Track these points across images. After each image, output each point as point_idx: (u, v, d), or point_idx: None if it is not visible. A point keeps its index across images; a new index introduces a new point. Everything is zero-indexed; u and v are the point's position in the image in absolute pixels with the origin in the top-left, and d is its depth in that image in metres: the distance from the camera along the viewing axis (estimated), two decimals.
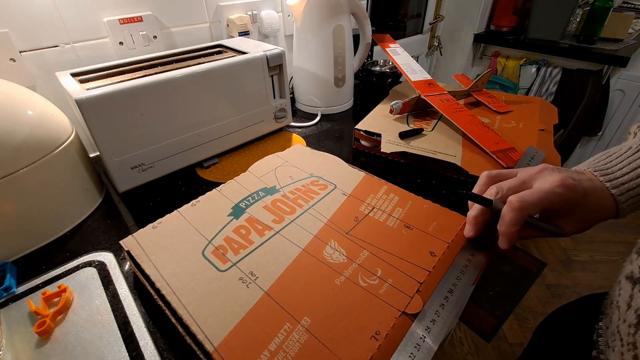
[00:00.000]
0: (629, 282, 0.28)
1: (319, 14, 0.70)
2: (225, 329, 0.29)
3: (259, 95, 0.63)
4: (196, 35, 0.72)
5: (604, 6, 1.25)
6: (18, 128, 0.41)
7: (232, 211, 0.43)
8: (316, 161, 0.54)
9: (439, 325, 0.31)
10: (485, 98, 0.73)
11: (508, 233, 0.32)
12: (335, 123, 0.77)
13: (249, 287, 0.33)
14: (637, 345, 0.25)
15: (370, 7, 1.08)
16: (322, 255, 0.37)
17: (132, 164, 0.51)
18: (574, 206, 0.31)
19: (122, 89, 0.46)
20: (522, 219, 0.31)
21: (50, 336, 0.32)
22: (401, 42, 0.88)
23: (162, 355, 0.31)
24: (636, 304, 0.27)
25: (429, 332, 0.30)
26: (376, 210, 0.43)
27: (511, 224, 0.31)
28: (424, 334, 0.30)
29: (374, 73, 0.94)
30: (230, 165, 0.61)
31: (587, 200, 0.31)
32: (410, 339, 0.29)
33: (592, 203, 0.31)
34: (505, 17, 1.53)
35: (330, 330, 0.29)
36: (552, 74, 1.41)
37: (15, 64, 0.53)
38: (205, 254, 0.37)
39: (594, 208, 0.32)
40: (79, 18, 0.57)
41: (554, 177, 0.31)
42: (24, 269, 0.42)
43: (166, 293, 0.32)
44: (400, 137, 0.59)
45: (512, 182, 0.34)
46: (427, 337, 0.29)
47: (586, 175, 0.33)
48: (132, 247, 0.38)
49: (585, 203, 0.31)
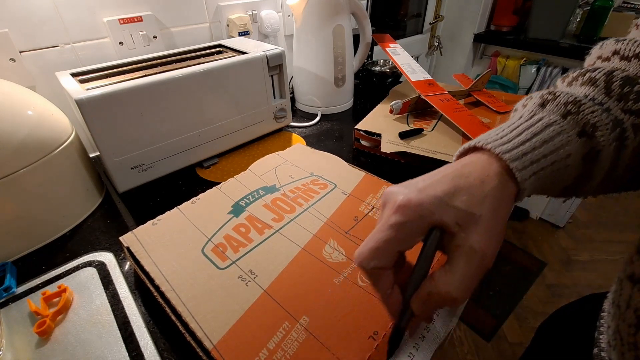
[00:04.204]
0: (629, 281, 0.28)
1: (319, 14, 0.70)
2: (225, 326, 0.29)
3: (259, 95, 0.63)
4: (196, 36, 0.72)
5: (604, 6, 1.24)
6: (18, 128, 0.41)
7: (232, 209, 0.43)
8: (316, 160, 0.54)
9: (438, 325, 0.31)
10: (485, 98, 0.73)
11: (378, 298, 0.26)
12: (335, 123, 0.77)
13: (248, 285, 0.33)
14: (638, 345, 0.25)
15: (370, 7, 1.08)
16: (321, 254, 0.37)
17: (132, 164, 0.51)
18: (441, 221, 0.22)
19: (122, 89, 0.46)
20: (375, 276, 0.24)
21: (50, 336, 0.32)
22: (401, 42, 0.88)
23: (162, 355, 0.31)
24: (635, 304, 0.26)
25: (428, 332, 0.30)
26: (376, 210, 0.43)
27: (372, 285, 0.25)
28: (422, 334, 0.30)
29: (374, 73, 0.94)
30: (230, 165, 0.61)
31: (456, 199, 0.22)
32: (409, 339, 0.29)
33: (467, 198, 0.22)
34: (505, 17, 1.53)
35: (328, 329, 0.29)
36: (552, 74, 1.41)
37: (15, 64, 0.53)
38: (205, 252, 0.37)
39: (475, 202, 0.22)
40: (79, 18, 0.57)
41: (390, 207, 0.23)
42: (24, 269, 0.42)
43: (165, 290, 0.32)
44: (400, 137, 0.59)
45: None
46: (426, 336, 0.29)
47: (457, 163, 0.25)
48: (132, 243, 0.38)
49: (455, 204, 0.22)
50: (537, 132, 0.24)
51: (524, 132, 0.24)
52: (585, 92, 0.25)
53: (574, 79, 0.27)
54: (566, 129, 0.23)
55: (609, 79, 0.25)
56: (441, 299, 0.23)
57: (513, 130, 0.24)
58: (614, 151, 0.24)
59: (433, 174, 0.24)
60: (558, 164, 0.23)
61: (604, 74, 0.25)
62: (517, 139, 0.24)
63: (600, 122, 0.23)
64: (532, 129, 0.24)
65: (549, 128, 0.24)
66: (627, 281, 0.29)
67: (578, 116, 0.24)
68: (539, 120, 0.24)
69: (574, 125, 0.24)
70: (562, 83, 0.29)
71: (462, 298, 0.22)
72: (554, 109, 0.25)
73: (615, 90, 0.24)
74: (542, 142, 0.23)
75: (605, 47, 0.29)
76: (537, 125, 0.24)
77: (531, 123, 0.24)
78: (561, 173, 0.24)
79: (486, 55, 1.65)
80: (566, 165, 0.23)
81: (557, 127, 0.24)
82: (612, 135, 0.23)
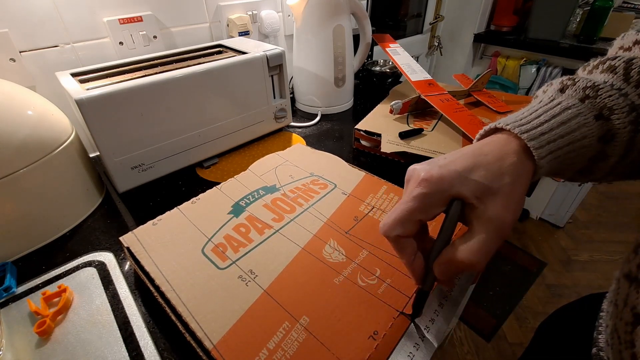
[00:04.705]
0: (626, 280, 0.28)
1: (319, 14, 0.70)
2: (225, 326, 0.29)
3: (259, 95, 0.63)
4: (196, 35, 0.72)
5: (604, 6, 1.24)
6: (18, 128, 0.41)
7: (232, 209, 0.43)
8: (316, 160, 0.54)
9: (437, 325, 0.31)
10: (486, 98, 0.73)
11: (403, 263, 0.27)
12: (335, 123, 0.77)
13: (248, 285, 0.33)
14: (635, 343, 0.25)
15: (370, 7, 1.08)
16: (321, 254, 0.37)
17: (132, 164, 0.51)
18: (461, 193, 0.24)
19: (122, 89, 0.46)
20: (399, 245, 0.26)
21: (50, 336, 0.32)
22: (401, 42, 0.88)
23: (162, 355, 0.31)
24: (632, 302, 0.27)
25: (427, 332, 0.30)
26: (376, 210, 0.43)
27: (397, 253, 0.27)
28: (423, 334, 0.30)
29: (374, 73, 0.94)
30: (230, 165, 0.61)
31: (475, 173, 0.24)
32: (409, 339, 0.29)
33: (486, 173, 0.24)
34: (505, 17, 1.53)
35: (328, 329, 0.29)
36: (552, 74, 1.41)
37: (15, 64, 0.53)
38: (205, 252, 0.37)
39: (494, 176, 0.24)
40: (79, 18, 0.57)
41: (414, 179, 0.25)
42: (24, 269, 0.42)
43: (166, 290, 0.32)
44: (400, 137, 0.59)
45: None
46: (426, 336, 0.29)
47: (478, 143, 0.26)
48: (132, 243, 0.38)
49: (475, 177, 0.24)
50: (555, 114, 0.25)
51: (543, 115, 0.25)
52: (604, 78, 0.27)
53: (594, 67, 0.29)
54: (583, 112, 0.25)
55: (628, 66, 0.26)
56: (461, 264, 0.24)
57: (532, 113, 0.26)
58: (629, 134, 0.25)
59: (454, 153, 0.26)
60: (574, 145, 0.25)
61: (624, 62, 0.26)
62: (535, 121, 0.25)
63: (617, 105, 0.24)
64: (550, 112, 0.25)
65: (567, 111, 0.25)
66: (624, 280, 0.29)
67: (596, 100, 0.25)
68: (557, 104, 0.26)
69: (591, 109, 0.25)
70: (582, 71, 0.30)
71: (480, 263, 0.24)
72: (573, 94, 0.26)
73: (633, 77, 0.25)
74: (559, 123, 0.25)
75: (627, 37, 0.30)
76: (555, 109, 0.26)
77: (550, 106, 0.26)
78: (577, 154, 0.25)
79: (486, 55, 1.65)
80: (582, 147, 0.25)
81: (574, 110, 0.25)
82: (627, 118, 0.24)
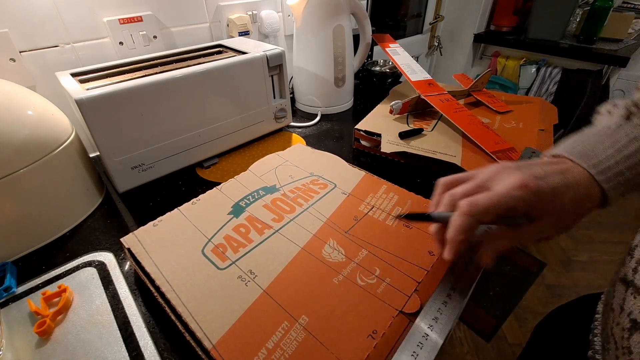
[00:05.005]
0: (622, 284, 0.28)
1: (319, 14, 0.70)
2: (224, 326, 0.29)
3: (259, 95, 0.63)
4: (196, 35, 0.72)
5: (604, 6, 1.25)
6: (18, 128, 0.41)
7: (232, 210, 0.43)
8: (316, 160, 0.54)
9: (441, 324, 0.30)
10: (485, 98, 0.73)
11: (453, 241, 0.27)
12: (335, 123, 0.77)
13: (247, 285, 0.33)
14: (632, 349, 0.25)
15: (370, 7, 1.08)
16: (321, 254, 0.37)
17: (132, 164, 0.51)
18: (542, 209, 0.26)
19: (122, 89, 0.46)
20: (471, 226, 0.27)
21: (50, 336, 0.32)
22: (401, 42, 0.88)
23: (162, 356, 0.31)
24: (629, 307, 0.26)
25: (432, 330, 0.30)
26: (375, 210, 0.43)
27: (458, 231, 0.27)
28: (426, 333, 0.30)
29: (374, 73, 0.94)
30: (230, 165, 0.61)
31: (559, 199, 0.26)
32: (412, 338, 0.29)
33: (568, 200, 0.26)
34: (505, 17, 1.53)
35: (327, 328, 0.29)
36: (552, 74, 1.41)
37: (15, 64, 0.53)
38: (205, 252, 0.37)
39: (572, 205, 0.26)
40: (79, 18, 0.57)
41: (513, 178, 0.26)
42: (24, 269, 0.42)
43: (166, 290, 0.32)
44: (400, 137, 0.59)
45: (466, 187, 0.29)
46: (430, 335, 0.29)
47: (559, 164, 0.28)
48: (133, 244, 0.38)
49: (557, 202, 0.26)
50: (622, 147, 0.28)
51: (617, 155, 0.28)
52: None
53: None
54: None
55: None
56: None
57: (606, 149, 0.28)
58: None
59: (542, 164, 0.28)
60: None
61: None
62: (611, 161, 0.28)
63: None
64: (618, 146, 0.28)
65: (634, 143, 0.28)
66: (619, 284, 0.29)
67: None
68: (625, 135, 0.28)
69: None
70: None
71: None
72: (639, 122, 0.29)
73: None
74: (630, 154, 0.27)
75: None
76: (622, 142, 0.28)
77: (617, 139, 0.29)
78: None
79: (486, 55, 1.65)
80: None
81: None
82: None
